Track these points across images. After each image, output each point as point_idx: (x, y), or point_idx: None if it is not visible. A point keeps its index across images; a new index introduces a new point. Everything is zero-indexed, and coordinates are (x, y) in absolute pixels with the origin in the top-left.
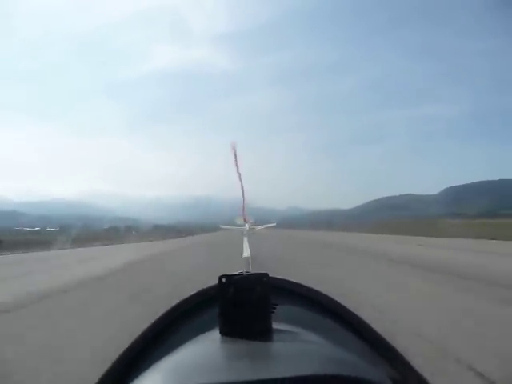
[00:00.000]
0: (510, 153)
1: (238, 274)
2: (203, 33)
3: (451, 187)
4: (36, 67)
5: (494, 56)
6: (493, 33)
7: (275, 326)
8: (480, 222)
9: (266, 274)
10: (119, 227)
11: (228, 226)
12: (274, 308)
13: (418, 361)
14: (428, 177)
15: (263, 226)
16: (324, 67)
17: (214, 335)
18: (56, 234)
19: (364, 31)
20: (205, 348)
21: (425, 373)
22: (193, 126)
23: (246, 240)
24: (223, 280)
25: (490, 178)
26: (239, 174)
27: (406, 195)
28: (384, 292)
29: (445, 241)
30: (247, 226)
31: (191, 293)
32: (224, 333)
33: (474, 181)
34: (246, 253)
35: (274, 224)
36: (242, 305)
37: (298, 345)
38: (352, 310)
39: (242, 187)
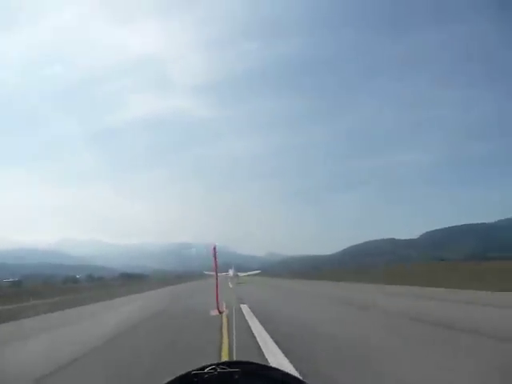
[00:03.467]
0: (486, 197)
1: (208, 372)
2: (183, 83)
3: (431, 231)
4: (11, 114)
5: (468, 104)
6: (467, 82)
7: None
8: (466, 265)
9: (238, 372)
10: (82, 277)
11: (211, 273)
12: None
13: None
14: (407, 222)
15: (247, 273)
16: (298, 117)
17: None
18: (9, 286)
19: (336, 81)
20: None
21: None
22: (171, 173)
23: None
24: (195, 380)
25: (470, 222)
26: (216, 273)
27: (387, 239)
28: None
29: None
30: (231, 272)
31: None
32: None
33: (453, 225)
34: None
35: (258, 271)
36: None
37: None
38: None
39: (217, 285)
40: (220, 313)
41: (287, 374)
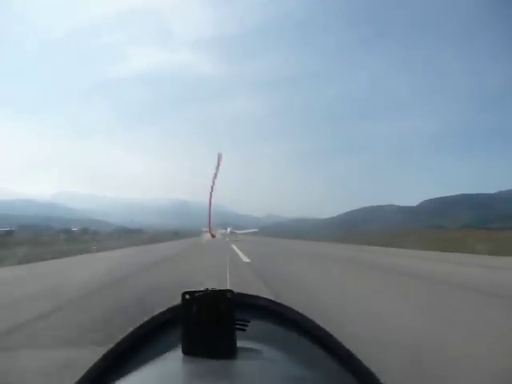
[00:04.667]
0: (489, 167)
1: (201, 291)
2: (186, 37)
3: (430, 199)
4: (11, 65)
5: (478, 74)
6: (478, 51)
7: (240, 343)
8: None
9: (231, 291)
10: (77, 231)
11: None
12: (241, 324)
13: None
14: (407, 189)
15: (245, 231)
16: (309, 75)
17: (177, 355)
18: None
19: (350, 42)
20: (165, 368)
21: None
22: (174, 129)
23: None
24: (187, 297)
25: (470, 192)
26: (212, 186)
27: (385, 206)
28: None
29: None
30: (229, 230)
31: (155, 313)
32: (186, 352)
33: (453, 194)
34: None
35: (256, 230)
36: (205, 323)
37: (262, 363)
38: (322, 325)
39: (211, 198)
40: (213, 236)
41: (281, 305)
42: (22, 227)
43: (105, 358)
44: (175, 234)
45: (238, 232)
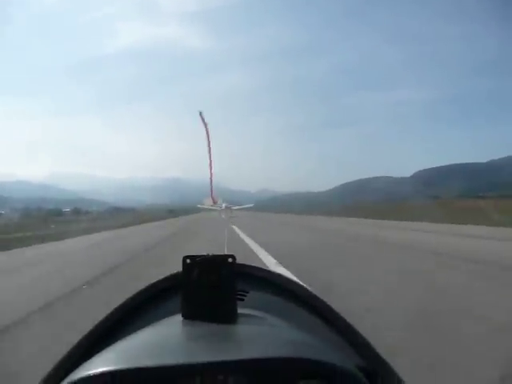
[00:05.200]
0: (481, 137)
1: (202, 256)
2: (174, 10)
3: (424, 170)
4: (1, 46)
5: (469, 41)
6: (469, 17)
7: (240, 310)
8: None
9: (232, 256)
10: (69, 212)
11: (205, 206)
12: (241, 294)
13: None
14: (401, 160)
15: (240, 207)
16: (298, 49)
17: (177, 318)
18: None
19: (339, 13)
20: (165, 330)
21: None
22: (164, 105)
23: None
24: (187, 261)
25: (462, 161)
26: (209, 149)
27: (380, 177)
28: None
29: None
30: (224, 205)
31: (157, 279)
32: (186, 316)
33: (446, 164)
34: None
35: (251, 205)
36: (205, 287)
37: (261, 328)
38: (320, 297)
39: (211, 165)
40: (214, 202)
41: (280, 275)
42: (15, 210)
43: (106, 320)
44: (170, 212)
45: (234, 208)
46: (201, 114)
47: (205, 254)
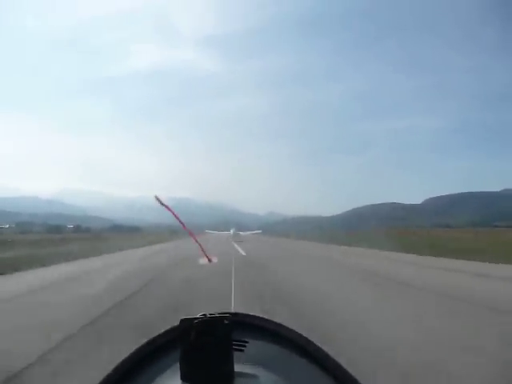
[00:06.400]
0: (494, 165)
1: (199, 317)
2: (189, 34)
3: (435, 197)
4: (15, 61)
5: (479, 72)
6: (480, 49)
7: (238, 368)
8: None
9: (229, 316)
10: (70, 228)
11: (213, 231)
12: (239, 345)
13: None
14: (411, 187)
15: (249, 233)
16: (310, 75)
17: (175, 380)
18: None
19: (351, 41)
20: None
21: None
22: (174, 127)
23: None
24: (184, 322)
25: (475, 190)
26: (179, 221)
27: (390, 203)
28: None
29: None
30: (232, 231)
31: (153, 335)
32: (185, 377)
33: (458, 192)
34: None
35: (260, 231)
36: (203, 348)
37: None
38: (319, 344)
39: (185, 226)
40: (209, 261)
41: (280, 325)
42: (19, 224)
43: (106, 381)
44: (174, 233)
45: (243, 234)
46: (157, 198)
47: (203, 313)
